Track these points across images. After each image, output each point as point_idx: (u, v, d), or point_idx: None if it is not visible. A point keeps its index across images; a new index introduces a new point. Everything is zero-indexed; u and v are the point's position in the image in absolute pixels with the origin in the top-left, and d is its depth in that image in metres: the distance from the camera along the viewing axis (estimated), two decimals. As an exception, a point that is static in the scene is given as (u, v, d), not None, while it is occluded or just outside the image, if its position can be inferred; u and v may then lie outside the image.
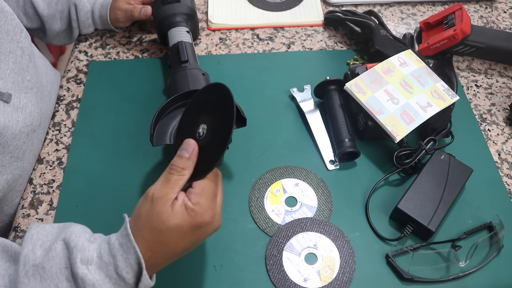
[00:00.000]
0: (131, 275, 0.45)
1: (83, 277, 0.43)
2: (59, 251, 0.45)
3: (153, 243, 0.45)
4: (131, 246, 0.45)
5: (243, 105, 0.62)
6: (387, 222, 0.64)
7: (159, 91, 0.79)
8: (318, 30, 0.90)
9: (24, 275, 0.44)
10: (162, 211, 0.45)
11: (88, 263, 0.44)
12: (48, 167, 0.70)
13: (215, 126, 0.50)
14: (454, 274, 0.59)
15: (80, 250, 0.45)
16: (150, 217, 0.46)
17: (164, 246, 0.46)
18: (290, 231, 0.62)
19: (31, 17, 0.80)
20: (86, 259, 0.44)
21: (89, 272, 0.44)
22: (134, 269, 0.45)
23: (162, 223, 0.45)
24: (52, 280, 0.44)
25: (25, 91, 0.64)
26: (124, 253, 0.45)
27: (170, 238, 0.46)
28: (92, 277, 0.44)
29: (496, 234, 0.61)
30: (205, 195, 0.47)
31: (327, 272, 0.59)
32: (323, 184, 0.67)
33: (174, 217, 0.45)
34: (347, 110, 0.73)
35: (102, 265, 0.45)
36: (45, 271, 0.44)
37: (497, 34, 0.80)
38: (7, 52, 0.60)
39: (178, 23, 0.77)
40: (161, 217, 0.45)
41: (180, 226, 0.45)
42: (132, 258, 0.45)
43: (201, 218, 0.46)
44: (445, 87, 0.71)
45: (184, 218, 0.45)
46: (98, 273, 0.44)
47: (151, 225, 0.45)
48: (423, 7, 0.95)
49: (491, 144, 0.73)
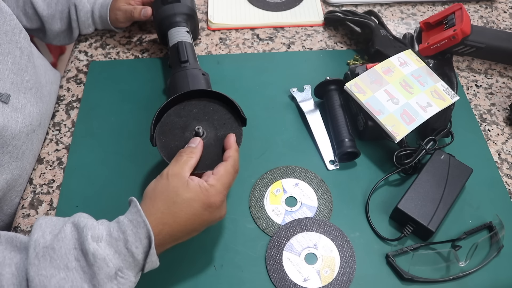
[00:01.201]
0: (140, 250, 0.47)
1: (94, 252, 0.44)
2: (68, 232, 0.46)
3: (166, 214, 0.48)
4: (141, 220, 0.47)
5: (243, 105, 0.62)
6: (387, 222, 0.64)
7: (159, 91, 0.79)
8: (318, 30, 0.90)
9: (34, 257, 0.45)
10: (178, 185, 0.49)
11: (98, 240, 0.46)
12: (48, 167, 0.70)
13: (217, 124, 0.57)
14: (454, 274, 0.59)
15: (90, 229, 0.46)
16: (166, 190, 0.49)
17: (174, 219, 0.49)
18: (290, 231, 0.62)
19: (31, 18, 0.80)
20: (96, 236, 0.46)
21: (99, 248, 0.45)
22: (143, 243, 0.47)
23: (177, 195, 0.49)
24: (62, 259, 0.45)
25: (24, 91, 0.64)
26: (134, 227, 0.47)
27: (181, 210, 0.49)
28: (103, 252, 0.45)
29: (496, 234, 0.61)
30: (221, 181, 0.51)
31: (327, 272, 0.59)
32: (323, 184, 0.67)
33: (189, 191, 0.49)
34: (347, 110, 0.73)
35: (112, 241, 0.46)
36: (54, 251, 0.45)
37: (497, 34, 0.80)
38: (5, 52, 0.60)
39: (178, 23, 0.77)
40: (176, 190, 0.49)
41: (193, 200, 0.49)
42: (142, 232, 0.46)
43: (214, 199, 0.50)
44: (445, 87, 0.71)
45: (198, 194, 0.49)
46: (108, 249, 0.46)
47: (166, 196, 0.49)
48: (423, 7, 0.95)
49: (491, 144, 0.73)
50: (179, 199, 0.49)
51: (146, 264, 0.48)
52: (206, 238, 0.62)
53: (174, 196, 0.49)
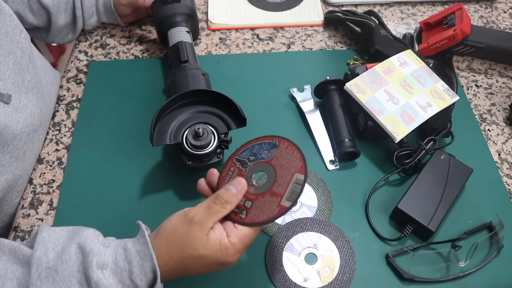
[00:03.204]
0: (144, 282, 0.45)
1: (97, 281, 0.43)
2: (72, 254, 0.45)
3: (177, 263, 0.46)
4: (148, 254, 0.45)
5: (243, 105, 0.62)
6: (387, 222, 0.64)
7: (159, 91, 0.79)
8: (318, 30, 0.90)
9: (37, 277, 0.44)
10: (198, 237, 0.45)
11: (103, 268, 0.44)
12: (48, 167, 0.70)
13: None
14: (454, 274, 0.59)
15: (96, 255, 0.45)
16: (184, 239, 0.46)
17: (185, 269, 0.47)
18: (290, 231, 0.62)
19: (37, 12, 0.78)
20: (101, 263, 0.44)
21: (103, 276, 0.44)
22: (148, 277, 0.45)
23: (195, 249, 0.45)
24: (64, 283, 0.44)
25: (25, 91, 0.64)
26: (141, 259, 0.45)
27: (194, 264, 0.47)
28: (106, 282, 0.44)
29: (496, 234, 0.61)
30: (243, 241, 0.47)
31: (327, 272, 0.59)
32: (323, 184, 0.67)
33: (207, 247, 0.45)
34: (347, 110, 0.73)
35: (117, 270, 0.45)
36: (58, 273, 0.44)
37: (497, 34, 0.80)
38: (6, 53, 0.60)
39: (178, 23, 0.77)
40: (195, 243, 0.45)
41: (209, 258, 0.46)
42: (147, 266, 0.45)
43: (231, 259, 0.47)
44: (445, 87, 0.71)
45: (215, 252, 0.46)
46: (112, 278, 0.44)
47: (183, 246, 0.46)
48: (423, 7, 0.95)
49: (491, 144, 0.73)
50: (194, 253, 0.46)
51: None
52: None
53: (191, 249, 0.46)
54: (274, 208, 0.47)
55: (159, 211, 0.64)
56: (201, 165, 0.62)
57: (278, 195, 0.48)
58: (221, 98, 0.63)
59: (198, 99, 0.65)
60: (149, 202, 0.65)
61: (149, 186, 0.67)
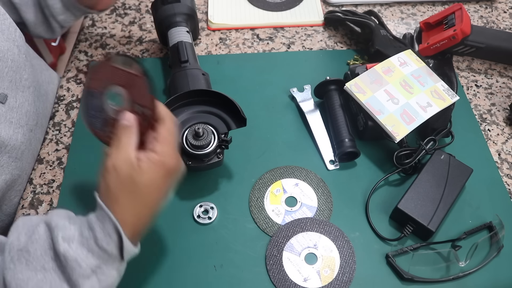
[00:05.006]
0: (112, 246, 0.45)
1: (64, 254, 0.44)
2: (42, 233, 0.45)
3: (134, 206, 0.46)
4: (105, 215, 0.45)
5: (243, 105, 0.62)
6: (387, 222, 0.64)
7: (159, 91, 0.79)
8: (318, 30, 0.90)
9: (10, 261, 0.44)
10: (131, 174, 0.45)
11: (70, 241, 0.44)
12: (48, 167, 0.70)
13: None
14: (454, 274, 0.59)
15: (61, 229, 0.45)
16: (120, 183, 0.46)
17: (143, 204, 0.47)
18: (290, 231, 0.62)
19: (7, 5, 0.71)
20: (68, 237, 0.44)
21: (70, 249, 0.44)
22: (113, 238, 0.45)
23: (135, 182, 0.45)
24: (38, 261, 0.44)
25: (22, 90, 0.64)
26: (101, 223, 0.45)
27: (146, 193, 0.47)
28: (74, 253, 0.44)
29: (496, 234, 0.61)
30: (169, 143, 0.48)
31: (327, 272, 0.59)
32: (323, 184, 0.67)
33: (144, 172, 0.46)
34: (347, 110, 0.73)
35: (83, 241, 0.45)
36: (29, 254, 0.44)
37: (497, 34, 0.80)
38: (5, 50, 0.60)
39: (178, 23, 0.77)
40: (131, 178, 0.45)
41: (153, 179, 0.46)
42: (109, 227, 0.45)
43: (170, 164, 0.47)
44: (445, 87, 0.71)
45: (154, 170, 0.46)
46: (80, 249, 0.44)
47: (125, 190, 0.46)
48: (423, 7, 0.95)
49: (491, 144, 0.73)
50: (139, 186, 0.46)
51: (124, 255, 0.46)
52: (206, 238, 0.62)
53: (132, 185, 0.45)
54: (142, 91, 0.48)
55: (159, 211, 0.64)
56: (201, 165, 0.62)
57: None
58: (221, 98, 0.63)
59: (198, 99, 0.65)
60: (149, 202, 0.65)
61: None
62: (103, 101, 0.51)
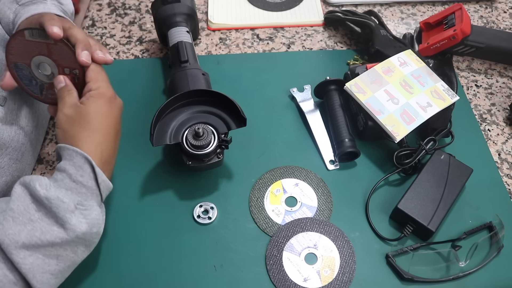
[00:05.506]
0: (86, 177, 0.49)
1: (46, 196, 0.47)
2: (19, 191, 0.48)
3: (90, 135, 0.51)
4: (71, 152, 0.49)
5: (243, 105, 0.62)
6: (387, 222, 0.64)
7: (159, 91, 0.79)
8: (318, 30, 0.90)
9: None
10: (79, 111, 0.52)
11: (47, 187, 0.48)
12: (48, 167, 0.70)
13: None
14: (454, 274, 0.59)
15: (35, 180, 0.48)
16: (73, 123, 0.52)
17: (102, 133, 0.53)
18: (290, 231, 0.62)
19: None
20: (44, 185, 0.48)
21: (49, 192, 0.47)
22: (85, 169, 0.49)
23: (84, 116, 0.52)
24: (24, 215, 0.47)
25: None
26: (70, 161, 0.49)
27: (101, 123, 0.53)
28: (54, 193, 0.47)
29: (496, 234, 0.61)
30: (101, 79, 0.55)
31: (327, 272, 0.59)
32: (323, 184, 0.67)
33: (89, 105, 0.52)
34: (347, 110, 0.73)
35: (59, 183, 0.49)
36: (13, 211, 0.47)
37: (497, 34, 0.80)
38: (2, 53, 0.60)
39: (178, 23, 0.77)
40: (81, 114, 0.52)
41: (99, 107, 0.53)
42: (78, 160, 0.49)
43: (108, 94, 0.54)
44: (445, 87, 0.71)
45: (97, 101, 0.53)
46: (59, 190, 0.48)
47: (79, 126, 0.52)
48: (423, 7, 0.95)
49: (491, 144, 0.73)
50: (88, 117, 0.52)
51: (100, 187, 0.50)
52: (206, 238, 0.62)
53: (82, 119, 0.52)
54: None
55: (159, 211, 0.64)
56: (201, 165, 0.62)
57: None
58: (221, 98, 0.63)
59: (198, 99, 0.65)
60: (149, 202, 0.65)
61: (149, 186, 0.67)
62: (32, 71, 0.57)
